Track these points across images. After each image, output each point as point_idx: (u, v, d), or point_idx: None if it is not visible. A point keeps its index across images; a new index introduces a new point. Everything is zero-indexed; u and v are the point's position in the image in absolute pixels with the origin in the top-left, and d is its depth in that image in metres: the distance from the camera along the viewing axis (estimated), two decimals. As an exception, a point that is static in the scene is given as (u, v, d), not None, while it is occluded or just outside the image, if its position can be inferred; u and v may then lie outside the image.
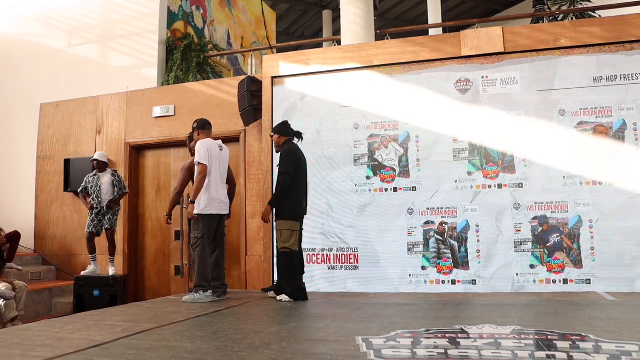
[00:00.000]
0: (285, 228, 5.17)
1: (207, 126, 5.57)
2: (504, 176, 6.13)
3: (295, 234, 5.21)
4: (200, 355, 2.78)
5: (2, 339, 3.33)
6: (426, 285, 6.14)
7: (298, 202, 5.32)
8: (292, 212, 5.26)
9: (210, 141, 5.38)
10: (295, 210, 5.30)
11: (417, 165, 6.40)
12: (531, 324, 3.66)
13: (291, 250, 5.19)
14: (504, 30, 6.32)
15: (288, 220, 5.21)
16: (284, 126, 5.60)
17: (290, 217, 5.22)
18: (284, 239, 5.16)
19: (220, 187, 5.36)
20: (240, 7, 12.20)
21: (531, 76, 6.20)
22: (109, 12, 9.14)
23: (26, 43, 9.37)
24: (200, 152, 5.23)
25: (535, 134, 6.09)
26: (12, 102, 9.21)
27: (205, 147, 5.25)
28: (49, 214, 8.44)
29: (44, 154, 8.65)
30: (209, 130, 5.59)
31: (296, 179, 5.31)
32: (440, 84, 6.44)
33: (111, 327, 3.71)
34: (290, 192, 5.25)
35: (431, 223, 6.25)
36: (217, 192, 5.29)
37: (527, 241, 5.96)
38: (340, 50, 7.06)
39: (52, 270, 8.18)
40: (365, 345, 2.94)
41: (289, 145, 5.48)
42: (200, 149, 5.25)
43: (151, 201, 8.08)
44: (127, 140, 8.10)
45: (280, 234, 5.19)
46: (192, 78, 8.54)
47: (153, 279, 7.96)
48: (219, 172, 5.36)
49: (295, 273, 5.26)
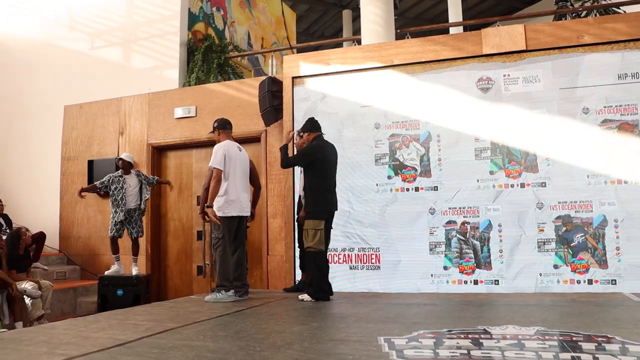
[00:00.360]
0: (310, 227, 5.13)
1: (227, 126, 5.55)
2: (527, 175, 6.07)
3: (319, 232, 5.12)
4: (223, 355, 2.79)
5: (29, 337, 3.38)
6: (448, 285, 6.11)
7: (324, 200, 5.24)
8: (318, 210, 5.18)
9: (228, 143, 5.35)
10: (321, 209, 5.21)
11: (438, 165, 6.36)
12: (555, 324, 3.61)
13: (316, 249, 5.12)
14: (525, 28, 6.25)
15: (313, 220, 5.15)
16: (311, 122, 5.50)
17: (316, 216, 5.15)
18: (309, 239, 5.13)
19: (240, 188, 5.30)
20: (260, 8, 12.25)
21: (554, 74, 6.12)
22: (131, 15, 9.24)
23: (51, 46, 9.52)
24: (216, 156, 5.20)
25: (558, 133, 6.02)
26: (38, 104, 9.36)
27: (222, 151, 5.23)
28: (73, 214, 8.56)
29: (68, 155, 8.78)
30: (229, 130, 5.57)
31: (323, 176, 5.24)
32: (462, 83, 6.39)
33: (135, 326, 3.74)
34: (317, 191, 5.20)
35: (453, 223, 6.21)
36: (237, 193, 5.24)
37: (550, 241, 5.90)
38: (360, 50, 7.05)
39: (76, 269, 8.30)
40: (387, 345, 2.93)
41: (317, 140, 5.40)
42: (216, 153, 5.22)
43: (173, 201, 8.15)
44: (149, 141, 8.18)
45: (307, 234, 5.15)
46: (213, 79, 8.59)
47: (175, 279, 8.03)
48: (239, 173, 5.31)
49: (321, 273, 5.18)
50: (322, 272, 5.21)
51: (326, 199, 5.25)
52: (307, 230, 5.14)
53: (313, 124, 5.49)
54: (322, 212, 5.21)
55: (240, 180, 5.32)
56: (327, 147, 5.41)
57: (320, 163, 5.27)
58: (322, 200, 5.22)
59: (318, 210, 5.19)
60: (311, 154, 5.29)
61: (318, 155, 5.28)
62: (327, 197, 5.26)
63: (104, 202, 8.24)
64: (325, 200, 5.24)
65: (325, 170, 5.28)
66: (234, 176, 5.26)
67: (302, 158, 5.33)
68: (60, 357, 2.74)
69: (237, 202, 5.24)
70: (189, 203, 7.99)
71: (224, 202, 5.19)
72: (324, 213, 5.23)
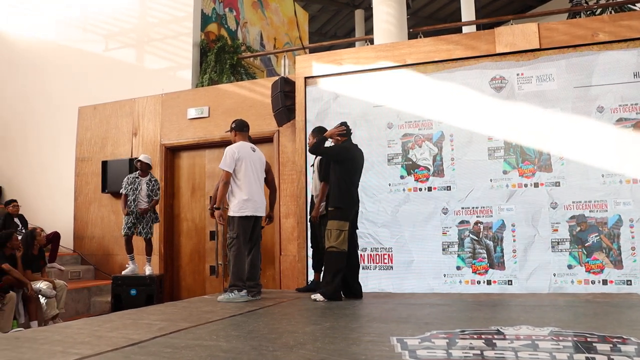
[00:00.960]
0: (334, 228, 5.10)
1: (244, 129, 5.55)
2: (541, 175, 6.03)
3: (343, 233, 5.09)
4: (236, 355, 2.80)
5: (44, 336, 3.41)
6: (461, 286, 6.08)
7: (349, 201, 5.24)
8: (342, 212, 5.17)
9: (240, 144, 5.37)
10: (346, 210, 5.21)
11: (451, 165, 6.34)
12: (570, 325, 3.58)
13: (338, 249, 5.08)
14: (539, 27, 6.21)
15: (338, 220, 5.12)
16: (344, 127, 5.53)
17: (341, 217, 5.14)
18: (333, 239, 5.10)
19: (255, 188, 5.31)
20: (273, 9, 12.27)
21: (568, 73, 6.08)
22: (145, 16, 9.29)
23: (65, 48, 9.60)
24: (225, 159, 5.22)
25: (573, 132, 5.97)
26: (53, 105, 9.45)
27: (231, 154, 5.24)
28: (87, 214, 8.63)
29: (82, 156, 8.85)
30: (246, 132, 5.56)
31: (348, 176, 5.24)
32: (475, 82, 6.36)
33: (148, 326, 3.76)
34: (342, 191, 5.20)
35: (466, 222, 6.19)
36: (251, 193, 5.25)
37: (564, 241, 5.85)
38: (373, 50, 7.04)
39: (90, 269, 8.36)
40: (399, 345, 2.92)
41: (345, 142, 5.42)
42: (226, 155, 5.24)
43: (186, 202, 8.19)
44: (162, 141, 8.22)
45: (330, 234, 5.12)
46: (225, 79, 8.62)
47: (188, 279, 8.07)
48: (253, 173, 5.31)
49: (339, 273, 5.13)
50: (342, 274, 5.16)
51: (349, 200, 5.25)
52: (330, 230, 5.12)
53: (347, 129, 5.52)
54: (347, 213, 5.19)
55: (254, 180, 5.32)
56: (355, 150, 5.44)
57: (349, 163, 5.29)
58: (345, 200, 5.22)
59: (343, 211, 5.18)
60: (339, 153, 5.33)
61: (347, 155, 5.31)
62: (349, 197, 5.26)
63: (118, 202, 8.28)
64: (348, 201, 5.24)
65: (350, 171, 5.28)
66: (247, 176, 5.26)
67: (331, 153, 5.37)
68: (75, 356, 2.76)
69: (252, 201, 5.25)
70: (202, 203, 8.02)
71: (238, 202, 5.21)
72: (349, 214, 5.22)
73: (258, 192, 5.36)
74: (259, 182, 5.41)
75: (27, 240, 6.54)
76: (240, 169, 5.23)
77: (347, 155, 5.31)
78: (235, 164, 5.22)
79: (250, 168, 5.30)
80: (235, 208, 5.21)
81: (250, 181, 5.27)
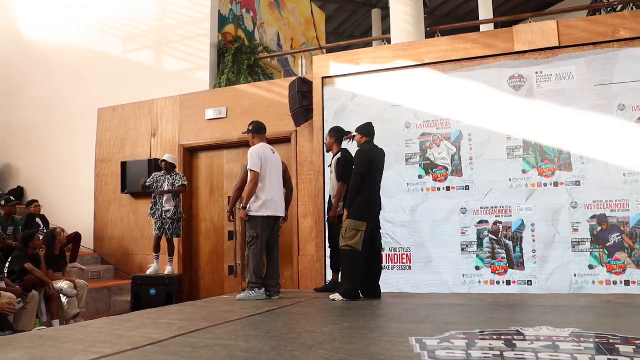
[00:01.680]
0: (350, 227, 5.11)
1: (262, 131, 5.65)
2: (560, 174, 5.97)
3: (360, 233, 5.09)
4: (254, 354, 2.81)
5: (66, 335, 3.46)
6: (480, 286, 6.04)
7: (369, 202, 5.24)
8: (361, 212, 5.17)
9: (263, 146, 5.47)
10: (365, 210, 5.20)
11: (470, 164, 6.30)
12: (591, 326, 3.54)
13: (354, 249, 5.08)
14: (558, 24, 6.14)
15: (355, 220, 5.13)
16: (368, 127, 5.55)
17: (358, 217, 5.14)
18: (348, 237, 5.10)
19: (275, 189, 5.44)
20: (290, 9, 12.29)
21: (588, 70, 6.01)
22: (163, 18, 9.36)
23: (85, 50, 9.70)
24: (252, 159, 5.32)
25: (593, 130, 5.90)
26: (73, 107, 9.56)
27: (258, 154, 5.34)
28: (107, 215, 8.71)
29: (102, 157, 8.94)
30: (264, 134, 5.66)
31: (368, 177, 5.24)
32: (493, 81, 6.32)
33: (167, 325, 3.79)
34: (362, 192, 5.20)
35: (485, 222, 6.15)
36: (272, 194, 5.37)
37: (585, 241, 5.79)
38: (390, 49, 7.03)
39: (110, 269, 8.45)
40: (418, 346, 2.92)
41: (367, 145, 5.44)
42: (252, 156, 5.34)
43: (205, 202, 8.23)
44: (181, 142, 8.28)
45: (345, 232, 5.13)
46: (243, 80, 8.64)
47: (207, 279, 8.11)
48: (274, 175, 5.44)
49: (355, 273, 5.14)
50: (360, 274, 5.16)
51: (368, 200, 5.24)
52: (346, 229, 5.13)
53: (370, 129, 5.54)
54: (365, 213, 5.18)
55: (275, 182, 5.45)
56: (376, 150, 5.45)
57: (370, 164, 5.30)
58: (364, 201, 5.21)
59: (361, 211, 5.17)
60: (367, 157, 5.31)
61: (371, 157, 5.32)
62: (369, 198, 5.25)
63: (137, 202, 8.39)
64: (367, 201, 5.23)
65: (371, 171, 5.28)
66: (270, 178, 5.38)
67: (363, 166, 5.27)
68: (96, 354, 2.80)
69: (273, 202, 5.37)
70: (220, 204, 8.06)
71: (260, 202, 5.31)
72: (367, 214, 5.20)
73: (279, 193, 5.49)
74: (279, 183, 5.53)
75: (48, 240, 6.62)
76: (264, 170, 5.35)
77: (371, 157, 5.32)
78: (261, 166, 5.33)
79: (272, 170, 5.42)
80: (257, 208, 5.31)
81: (271, 182, 5.40)
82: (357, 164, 5.30)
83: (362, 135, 5.51)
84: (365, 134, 5.50)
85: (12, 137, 10.19)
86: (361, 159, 5.30)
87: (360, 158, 5.31)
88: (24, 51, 10.34)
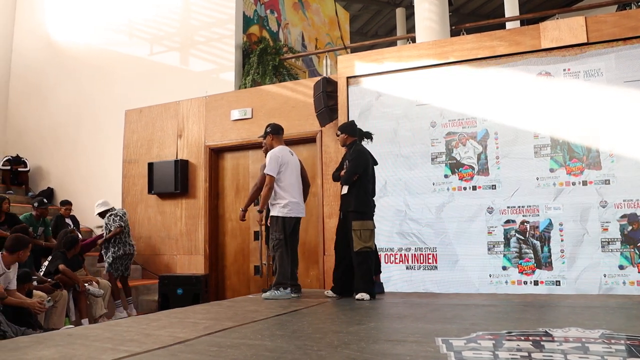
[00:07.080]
0: (364, 228, 5.18)
1: (280, 131, 5.69)
2: (589, 172, 5.87)
3: (373, 233, 5.27)
4: (280, 354, 2.82)
5: (95, 334, 3.51)
6: (507, 286, 5.97)
7: (370, 202, 5.43)
8: (368, 211, 5.33)
9: (282, 149, 5.50)
10: (370, 210, 5.40)
11: (496, 163, 6.23)
12: (622, 328, 3.47)
13: (371, 249, 5.23)
14: (586, 20, 6.04)
15: (367, 220, 5.24)
16: (352, 126, 5.62)
17: (364, 217, 5.25)
18: (365, 239, 5.16)
19: (297, 191, 5.50)
20: (314, 9, 12.30)
21: (618, 67, 5.89)
22: (188, 20, 9.45)
23: (112, 53, 9.85)
24: (270, 163, 5.36)
25: (623, 128, 5.79)
26: (101, 109, 9.72)
27: (277, 159, 5.37)
28: (134, 215, 8.81)
29: (129, 158, 9.06)
30: (282, 135, 5.70)
31: (367, 179, 5.37)
32: (520, 79, 6.24)
33: (194, 325, 3.82)
34: (362, 193, 5.31)
35: (512, 222, 6.08)
36: (295, 196, 5.44)
37: (615, 240, 5.68)
38: (415, 48, 6.99)
39: (138, 269, 8.54)
40: (445, 346, 2.90)
41: (358, 146, 5.51)
42: (271, 160, 5.38)
43: (231, 202, 8.29)
44: (206, 143, 8.35)
45: (361, 235, 5.17)
46: (268, 81, 8.69)
47: (233, 278, 8.16)
48: (295, 177, 5.50)
49: (371, 271, 5.30)
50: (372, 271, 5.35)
51: (369, 200, 5.42)
52: (360, 231, 5.17)
53: (354, 128, 5.61)
54: (370, 212, 5.36)
55: (295, 184, 5.51)
56: (368, 152, 5.53)
57: (366, 167, 5.41)
58: (369, 202, 5.41)
59: (369, 211, 5.35)
60: (364, 158, 5.41)
61: (366, 160, 5.43)
62: (369, 198, 5.43)
63: (164, 203, 8.49)
64: (368, 201, 5.40)
65: (367, 173, 5.40)
66: (291, 180, 5.44)
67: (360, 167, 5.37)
68: (124, 353, 2.83)
69: (296, 204, 5.44)
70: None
71: (285, 204, 5.36)
72: (371, 213, 5.39)
73: (300, 195, 5.57)
74: (299, 185, 5.59)
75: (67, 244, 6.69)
76: (285, 172, 5.40)
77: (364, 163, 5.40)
78: (280, 168, 5.36)
79: (293, 172, 5.49)
80: (282, 209, 5.36)
81: (293, 184, 5.46)
82: (357, 164, 5.36)
83: (348, 135, 5.53)
84: (350, 133, 5.53)
85: (43, 139, 10.40)
86: (359, 159, 5.40)
87: (358, 158, 5.39)
88: (53, 54, 10.54)
